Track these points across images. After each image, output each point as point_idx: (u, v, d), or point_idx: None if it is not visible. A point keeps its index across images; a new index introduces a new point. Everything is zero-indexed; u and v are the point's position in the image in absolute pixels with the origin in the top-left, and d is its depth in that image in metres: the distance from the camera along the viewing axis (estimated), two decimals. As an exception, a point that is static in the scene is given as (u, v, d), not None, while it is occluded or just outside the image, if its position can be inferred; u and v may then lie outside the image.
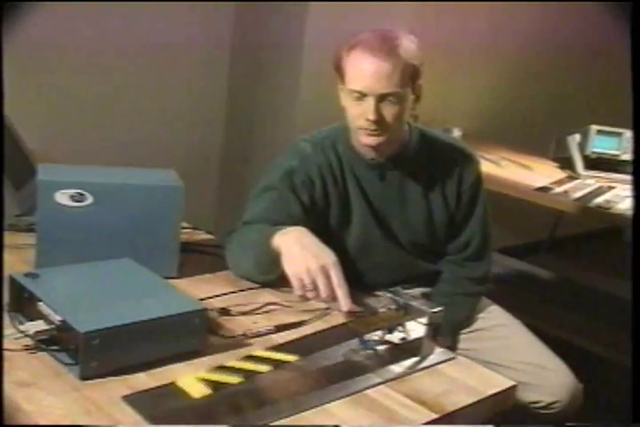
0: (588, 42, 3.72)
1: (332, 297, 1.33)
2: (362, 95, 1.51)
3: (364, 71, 1.50)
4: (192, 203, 2.85)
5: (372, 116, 1.52)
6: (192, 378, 1.12)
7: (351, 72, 1.52)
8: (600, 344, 2.74)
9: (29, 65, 2.36)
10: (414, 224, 1.70)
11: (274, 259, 1.42)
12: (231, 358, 1.21)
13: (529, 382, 1.60)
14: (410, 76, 1.53)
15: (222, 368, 1.16)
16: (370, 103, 1.51)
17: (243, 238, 1.54)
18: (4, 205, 1.59)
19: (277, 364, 1.20)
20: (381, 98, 1.51)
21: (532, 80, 3.67)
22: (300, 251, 1.37)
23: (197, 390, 1.10)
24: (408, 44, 1.53)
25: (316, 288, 1.33)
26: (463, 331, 1.74)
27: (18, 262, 1.46)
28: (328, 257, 1.36)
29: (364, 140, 1.58)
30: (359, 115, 1.54)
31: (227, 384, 1.12)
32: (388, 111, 1.53)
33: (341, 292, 1.33)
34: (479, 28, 3.31)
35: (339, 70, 1.56)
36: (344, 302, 1.32)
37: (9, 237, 1.58)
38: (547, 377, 1.63)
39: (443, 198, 1.70)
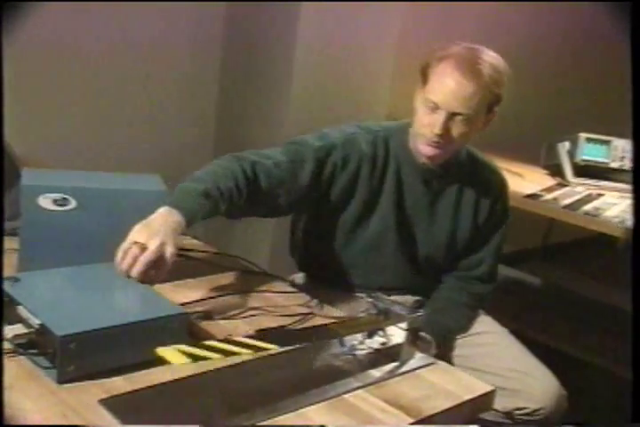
0: (579, 46, 3.73)
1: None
2: (435, 107, 1.53)
3: (447, 86, 1.51)
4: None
5: (438, 130, 1.53)
6: (173, 349, 1.10)
7: (434, 82, 1.54)
8: (589, 351, 2.74)
9: (13, 67, 2.35)
10: (436, 236, 1.71)
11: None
12: (210, 363, 1.20)
13: (514, 388, 1.61)
14: (488, 102, 1.56)
15: (202, 345, 1.15)
16: (440, 117, 1.52)
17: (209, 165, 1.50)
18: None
19: (256, 349, 1.18)
20: (453, 115, 1.53)
21: (522, 85, 3.68)
22: (146, 227, 1.29)
23: (177, 358, 1.07)
24: (496, 69, 1.55)
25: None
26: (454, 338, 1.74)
27: (4, 267, 1.46)
28: (159, 244, 1.25)
29: (423, 148, 1.59)
30: (427, 124, 1.55)
31: (206, 358, 1.10)
32: (455, 129, 1.54)
33: (136, 268, 1.23)
34: (469, 31, 3.32)
35: (423, 76, 1.58)
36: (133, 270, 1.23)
37: (-7, 242, 1.58)
38: (532, 384, 1.63)
39: (472, 217, 1.71)
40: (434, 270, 1.76)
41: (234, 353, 1.13)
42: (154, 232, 1.27)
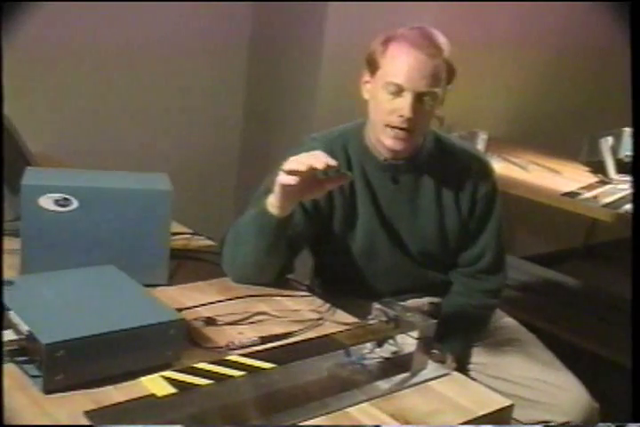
0: (620, 38, 3.58)
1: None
2: (399, 90, 1.45)
3: (407, 65, 1.43)
4: (209, 204, 2.82)
5: (407, 113, 1.45)
6: (157, 377, 1.05)
7: (390, 64, 1.46)
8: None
9: (31, 66, 2.33)
10: (424, 232, 1.63)
11: (274, 223, 1.39)
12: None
13: (541, 400, 1.53)
14: (447, 77, 1.48)
15: (192, 369, 1.09)
16: (407, 99, 1.44)
17: (238, 226, 1.48)
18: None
19: (251, 370, 1.12)
20: (419, 95, 1.45)
21: (562, 79, 3.55)
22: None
23: (161, 388, 1.03)
24: (446, 41, 1.48)
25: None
26: (475, 344, 1.66)
27: (6, 269, 1.41)
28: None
29: (387, 141, 1.51)
30: (391, 111, 1.47)
31: (193, 385, 1.05)
32: (423, 111, 1.46)
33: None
34: (506, 26, 3.21)
35: (371, 63, 1.50)
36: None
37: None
38: (560, 396, 1.54)
39: (456, 207, 1.62)
40: (438, 265, 1.69)
41: (225, 377, 1.07)
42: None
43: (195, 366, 1.06)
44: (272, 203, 1.38)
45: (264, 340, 1.27)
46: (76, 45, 2.42)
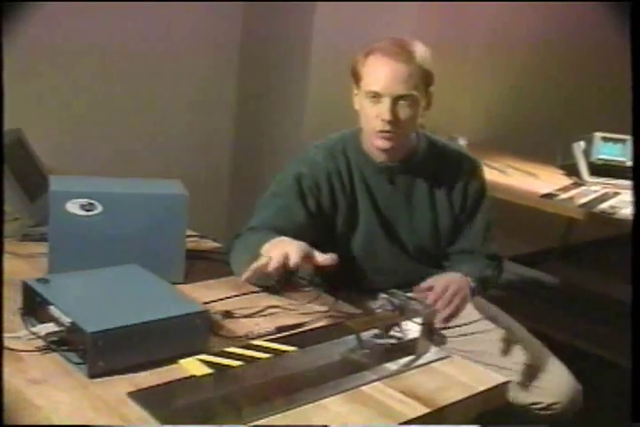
0: (596, 45, 3.74)
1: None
2: (378, 96, 1.58)
3: (382, 73, 1.57)
4: (202, 209, 2.90)
5: (387, 117, 1.58)
6: (194, 359, 1.18)
7: (369, 74, 1.59)
8: (613, 351, 2.75)
9: (38, 76, 2.41)
10: (420, 229, 1.75)
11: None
12: (233, 358, 1.25)
13: (529, 383, 1.64)
14: (424, 81, 1.60)
15: (223, 353, 1.22)
16: (385, 104, 1.57)
17: (245, 244, 1.59)
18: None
19: (275, 353, 1.25)
20: (396, 99, 1.57)
21: (538, 85, 3.70)
22: (276, 245, 1.42)
23: (199, 369, 1.16)
24: (424, 51, 1.60)
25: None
26: (464, 333, 1.78)
27: (31, 270, 1.53)
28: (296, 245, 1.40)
29: (377, 142, 1.63)
30: (374, 116, 1.60)
31: (227, 366, 1.17)
32: (402, 113, 1.59)
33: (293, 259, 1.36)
34: (482, 33, 3.34)
35: (355, 75, 1.64)
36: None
37: (23, 247, 1.66)
38: (547, 379, 1.66)
39: (449, 205, 1.75)
40: (432, 261, 1.80)
41: (254, 359, 1.18)
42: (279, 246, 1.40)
43: (226, 349, 1.18)
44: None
45: (279, 329, 1.39)
46: (75, 53, 2.50)
